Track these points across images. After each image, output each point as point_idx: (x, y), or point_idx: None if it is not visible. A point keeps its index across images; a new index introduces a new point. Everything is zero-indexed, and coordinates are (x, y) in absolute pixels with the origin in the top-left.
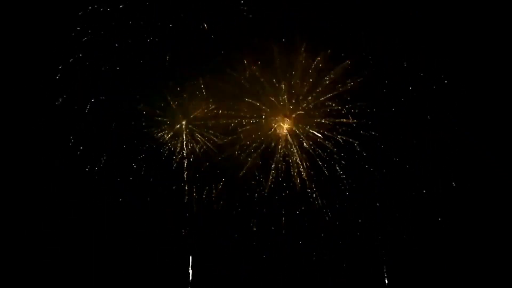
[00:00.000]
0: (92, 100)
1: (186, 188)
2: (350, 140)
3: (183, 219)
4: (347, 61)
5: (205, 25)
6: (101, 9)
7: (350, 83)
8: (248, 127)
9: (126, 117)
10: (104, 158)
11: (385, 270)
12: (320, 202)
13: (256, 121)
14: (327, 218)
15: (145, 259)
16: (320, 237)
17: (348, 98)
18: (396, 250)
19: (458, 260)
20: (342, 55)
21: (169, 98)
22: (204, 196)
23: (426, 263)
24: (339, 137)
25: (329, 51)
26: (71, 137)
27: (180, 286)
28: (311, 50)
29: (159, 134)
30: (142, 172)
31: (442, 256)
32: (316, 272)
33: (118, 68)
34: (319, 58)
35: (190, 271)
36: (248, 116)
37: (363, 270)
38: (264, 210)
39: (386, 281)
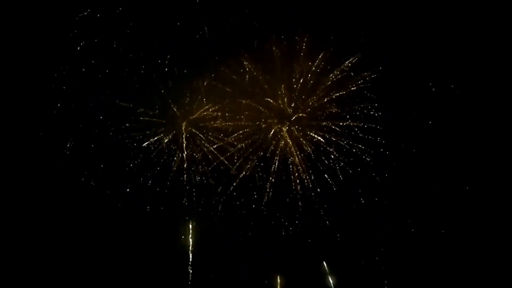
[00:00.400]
0: (92, 103)
1: (185, 189)
2: (350, 142)
3: (182, 220)
4: (359, 54)
5: (205, 27)
6: (101, 11)
7: (352, 86)
8: (247, 130)
9: (126, 119)
10: (104, 159)
11: (384, 270)
12: (319, 203)
13: (256, 124)
14: (327, 222)
15: (145, 259)
16: (320, 238)
17: (348, 100)
18: (396, 251)
19: (458, 261)
20: (342, 59)
21: (170, 101)
22: (203, 198)
23: (426, 264)
24: (337, 138)
25: (330, 50)
26: (71, 139)
27: (180, 286)
28: (311, 52)
29: (158, 137)
30: (142, 173)
31: (442, 257)
32: (315, 273)
33: (117, 70)
34: (321, 56)
35: (190, 270)
36: (247, 118)
37: (362, 270)
38: (264, 212)
39: (386, 282)
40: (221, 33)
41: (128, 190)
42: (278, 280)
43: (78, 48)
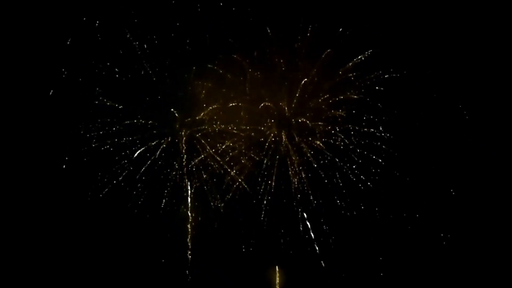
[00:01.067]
0: (91, 106)
1: (187, 196)
2: (351, 147)
3: (183, 222)
4: (361, 56)
5: (206, 29)
6: (101, 12)
7: (354, 90)
8: (247, 134)
9: (127, 122)
10: (103, 162)
11: (382, 274)
12: (319, 208)
13: (255, 128)
14: (324, 227)
15: (144, 262)
16: (320, 241)
17: (349, 104)
18: (396, 255)
19: (459, 262)
20: (344, 62)
21: (170, 105)
22: (202, 201)
23: (426, 267)
24: (338, 142)
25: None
26: (71, 141)
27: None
28: (312, 54)
29: (157, 140)
30: (141, 176)
31: (442, 260)
32: (315, 276)
33: (116, 73)
34: (323, 56)
35: (188, 273)
36: (247, 122)
37: (362, 274)
38: (263, 215)
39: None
40: (221, 35)
41: (127, 192)
42: (277, 279)
43: (78, 51)
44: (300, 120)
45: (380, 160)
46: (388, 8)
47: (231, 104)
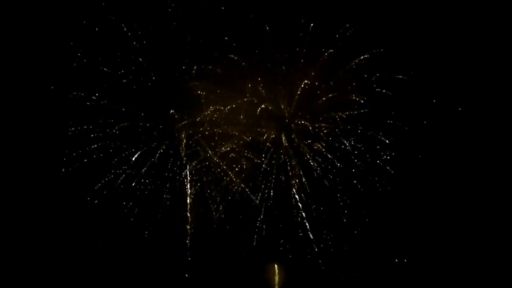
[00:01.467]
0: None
1: (187, 196)
2: (350, 149)
3: (182, 223)
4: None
5: (206, 31)
6: (102, 13)
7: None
8: (247, 135)
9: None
10: (103, 163)
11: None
12: (318, 209)
13: (255, 130)
14: (324, 229)
15: (146, 260)
16: (319, 241)
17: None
18: (395, 255)
19: (459, 263)
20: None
21: (172, 110)
22: (202, 203)
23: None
24: (338, 144)
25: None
26: (70, 143)
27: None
28: (312, 56)
29: (156, 142)
30: (141, 178)
31: (442, 260)
32: (314, 276)
33: (117, 76)
34: (324, 57)
35: (188, 273)
36: (247, 124)
37: (361, 275)
38: (263, 216)
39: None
40: (221, 36)
41: (127, 193)
42: (276, 279)
43: (78, 52)
44: (299, 122)
45: (379, 162)
46: (389, 8)
47: (229, 106)
